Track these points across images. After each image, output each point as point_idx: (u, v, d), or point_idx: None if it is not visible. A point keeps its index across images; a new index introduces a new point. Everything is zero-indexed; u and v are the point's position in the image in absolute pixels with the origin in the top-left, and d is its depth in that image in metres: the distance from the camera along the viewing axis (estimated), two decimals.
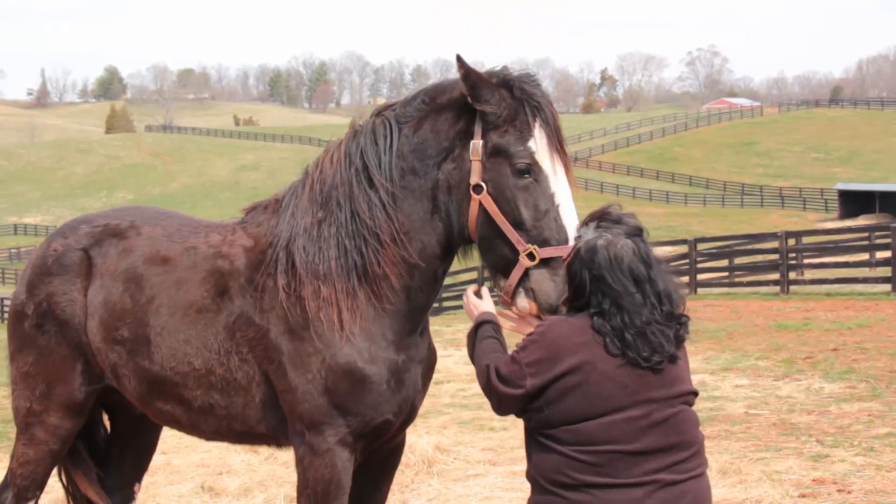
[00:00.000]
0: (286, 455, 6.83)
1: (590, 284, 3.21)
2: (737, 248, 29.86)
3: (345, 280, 3.83)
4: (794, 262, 25.15)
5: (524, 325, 3.59)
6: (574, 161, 4.23)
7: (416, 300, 3.90)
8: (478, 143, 3.64)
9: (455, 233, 3.79)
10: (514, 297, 3.57)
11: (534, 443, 3.32)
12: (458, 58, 3.59)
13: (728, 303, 21.17)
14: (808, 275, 24.91)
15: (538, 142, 3.61)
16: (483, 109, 3.62)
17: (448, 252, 3.89)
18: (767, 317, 17.38)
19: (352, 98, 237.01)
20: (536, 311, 3.55)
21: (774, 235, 25.33)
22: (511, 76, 3.68)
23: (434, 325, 4.31)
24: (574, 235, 3.42)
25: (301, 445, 3.89)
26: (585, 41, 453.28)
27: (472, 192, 3.64)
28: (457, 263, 4.09)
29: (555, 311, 3.50)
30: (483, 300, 3.69)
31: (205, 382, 4.09)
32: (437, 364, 4.32)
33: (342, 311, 3.80)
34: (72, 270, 4.42)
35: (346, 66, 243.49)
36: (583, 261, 3.23)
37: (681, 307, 3.30)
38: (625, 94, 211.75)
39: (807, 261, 26.28)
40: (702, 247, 28.62)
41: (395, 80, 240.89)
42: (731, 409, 9.58)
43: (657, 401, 3.19)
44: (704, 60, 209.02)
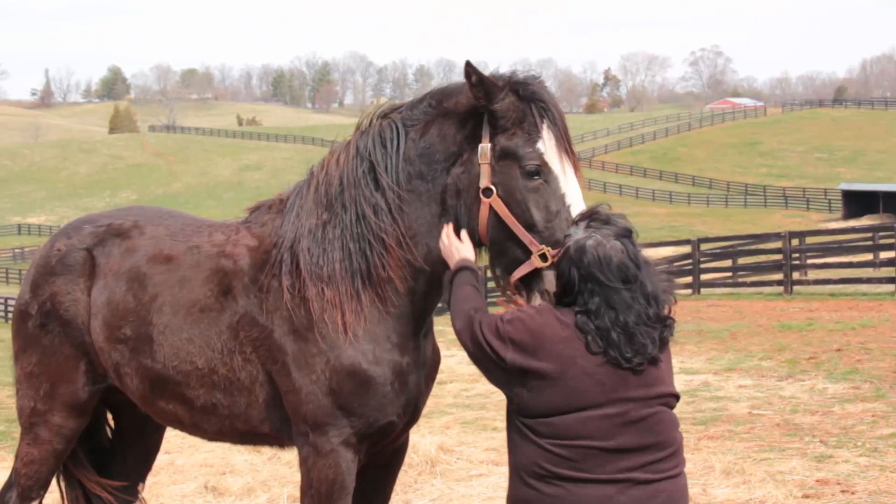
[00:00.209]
0: (289, 455, 6.84)
1: (578, 283, 3.23)
2: (740, 249, 29.79)
3: (349, 283, 3.83)
4: (798, 263, 25.10)
5: None
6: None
7: (421, 303, 3.90)
8: (486, 147, 3.63)
9: None
10: (529, 301, 3.55)
11: (514, 433, 3.36)
12: (469, 64, 3.56)
13: (731, 303, 21.17)
14: (812, 275, 24.86)
15: (546, 143, 3.61)
16: (496, 111, 3.60)
17: None
18: (771, 317, 17.37)
19: (355, 98, 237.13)
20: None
21: (778, 236, 25.30)
22: (517, 78, 3.67)
23: (437, 325, 4.33)
24: (564, 234, 3.42)
25: (305, 446, 3.89)
26: (588, 41, 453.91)
27: (482, 196, 3.62)
28: None
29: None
30: (463, 243, 3.68)
31: (207, 382, 4.09)
32: (441, 364, 4.31)
33: (346, 314, 3.80)
34: (75, 270, 4.42)
35: (350, 67, 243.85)
36: (571, 259, 3.25)
37: (667, 309, 3.31)
38: (628, 95, 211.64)
39: (810, 261, 26.23)
40: (705, 247, 28.59)
41: (399, 81, 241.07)
42: (735, 410, 9.57)
43: (634, 400, 3.20)
44: (708, 60, 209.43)
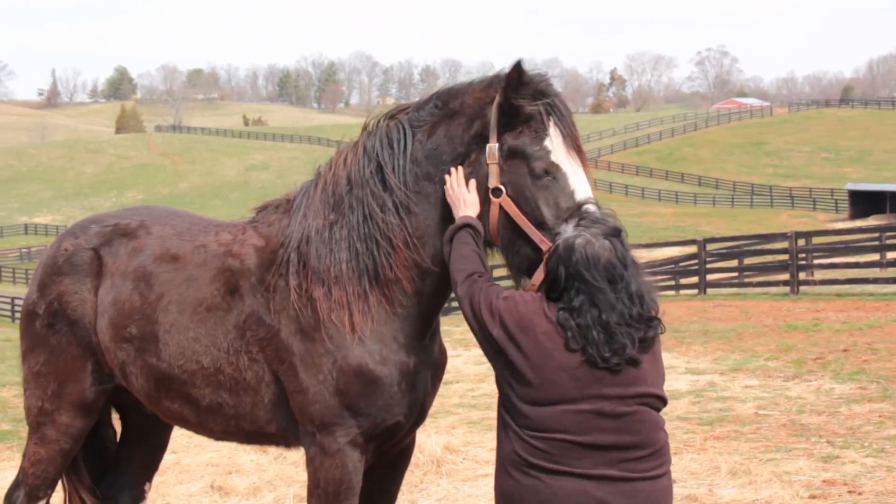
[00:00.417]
0: (295, 455, 6.84)
1: (564, 281, 3.25)
2: (746, 249, 29.72)
3: (356, 283, 3.83)
4: (804, 263, 25.03)
5: None
6: None
7: (428, 304, 3.89)
8: (494, 147, 3.63)
9: None
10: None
11: (500, 425, 3.40)
12: (520, 62, 3.56)
13: (738, 303, 21.12)
14: (819, 275, 24.81)
15: (554, 140, 3.61)
16: (519, 104, 3.59)
17: None
18: (777, 317, 17.33)
19: (361, 98, 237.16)
20: None
21: (784, 236, 25.24)
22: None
23: (444, 325, 4.36)
24: (554, 233, 3.43)
25: (312, 446, 3.89)
26: (594, 41, 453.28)
27: (492, 196, 3.63)
28: None
29: None
30: (471, 193, 3.67)
31: (213, 381, 4.09)
32: (447, 364, 4.31)
33: (353, 314, 3.80)
34: (82, 270, 4.43)
35: (356, 67, 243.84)
36: (560, 257, 3.26)
37: (653, 310, 3.31)
38: (634, 94, 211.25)
39: (817, 261, 26.17)
40: (711, 247, 28.53)
41: (404, 81, 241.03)
42: (741, 410, 9.55)
43: (609, 398, 3.21)
44: (714, 60, 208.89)
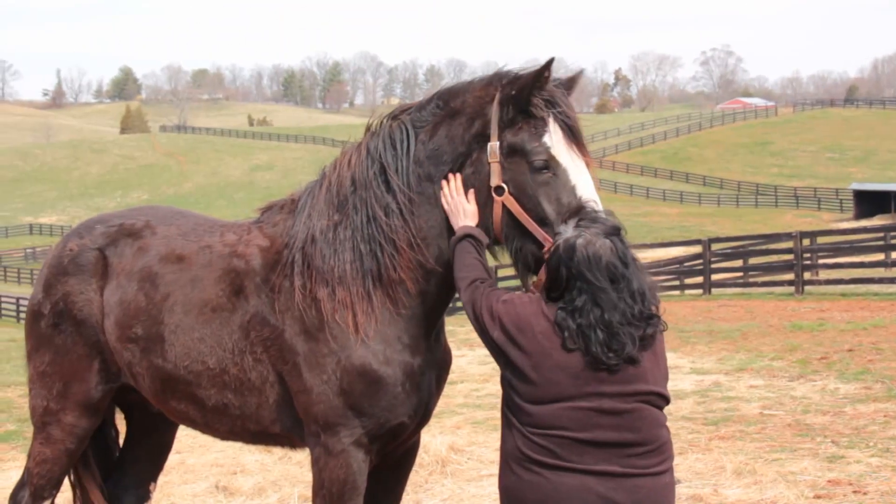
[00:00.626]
0: (300, 455, 6.84)
1: (566, 281, 3.25)
2: (751, 249, 29.69)
3: (360, 283, 3.83)
4: (809, 263, 25.00)
5: None
6: None
7: (433, 304, 3.89)
8: (495, 145, 3.63)
9: None
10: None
11: (503, 422, 3.42)
12: (550, 62, 3.59)
13: (742, 303, 21.10)
14: (823, 275, 24.76)
15: (553, 135, 3.60)
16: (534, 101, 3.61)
17: None
18: (782, 317, 17.31)
19: (365, 98, 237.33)
20: None
21: (789, 235, 25.18)
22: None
23: (448, 325, 4.35)
24: (554, 233, 3.43)
25: (316, 446, 3.90)
26: (599, 41, 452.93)
27: (494, 195, 3.63)
28: None
29: None
30: (470, 203, 3.69)
31: (218, 382, 4.10)
32: (451, 364, 4.31)
33: (357, 315, 3.80)
34: (88, 270, 4.43)
35: (360, 67, 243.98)
36: (561, 258, 3.26)
37: (655, 307, 3.31)
38: (638, 94, 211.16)
39: (822, 261, 26.12)
40: (716, 247, 28.51)
41: (409, 81, 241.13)
42: (746, 410, 9.54)
43: (607, 395, 3.22)
44: (718, 60, 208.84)
